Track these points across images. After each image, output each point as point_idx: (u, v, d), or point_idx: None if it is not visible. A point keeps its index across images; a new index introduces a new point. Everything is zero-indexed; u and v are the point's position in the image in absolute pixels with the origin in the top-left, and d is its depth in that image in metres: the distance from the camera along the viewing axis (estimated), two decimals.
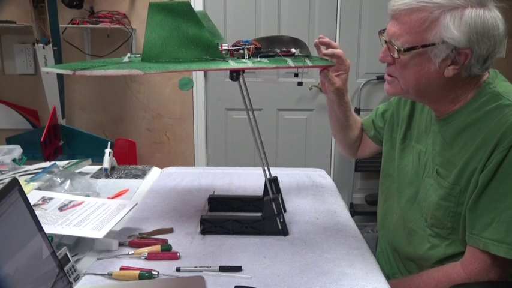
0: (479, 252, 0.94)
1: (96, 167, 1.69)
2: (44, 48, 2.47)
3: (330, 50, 1.18)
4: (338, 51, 1.18)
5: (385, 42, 1.00)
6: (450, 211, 1.00)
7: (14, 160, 1.58)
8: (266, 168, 1.16)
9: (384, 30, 1.02)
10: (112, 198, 1.36)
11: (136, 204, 1.18)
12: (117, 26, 2.69)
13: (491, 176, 0.92)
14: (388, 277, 1.14)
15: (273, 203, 1.10)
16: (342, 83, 1.20)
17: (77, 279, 0.89)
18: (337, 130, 1.37)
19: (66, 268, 0.85)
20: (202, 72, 2.86)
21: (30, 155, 2.07)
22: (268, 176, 1.17)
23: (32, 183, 1.31)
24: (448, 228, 1.01)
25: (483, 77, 1.00)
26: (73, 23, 2.66)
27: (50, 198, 1.18)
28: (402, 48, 0.95)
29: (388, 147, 1.26)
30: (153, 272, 0.91)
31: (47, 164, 1.54)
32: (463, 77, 0.96)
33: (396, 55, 0.97)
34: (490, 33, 0.91)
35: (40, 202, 1.16)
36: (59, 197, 1.20)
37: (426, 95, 1.02)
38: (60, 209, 1.12)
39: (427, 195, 1.06)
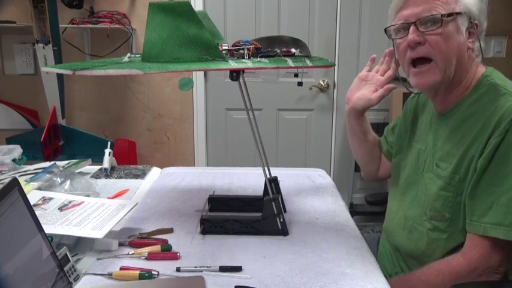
0: (479, 239, 0.95)
1: (96, 167, 1.69)
2: (44, 48, 2.47)
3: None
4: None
5: (408, 26, 1.00)
6: (449, 201, 1.01)
7: (14, 160, 1.58)
8: (266, 168, 1.16)
9: (390, 26, 1.05)
10: (112, 198, 1.36)
11: (136, 204, 1.18)
12: (117, 26, 2.69)
13: (488, 161, 0.94)
14: (391, 276, 1.15)
15: (273, 203, 1.10)
16: (376, 101, 1.22)
17: (77, 279, 0.89)
18: (356, 144, 1.35)
19: (66, 268, 0.85)
20: (202, 72, 2.86)
21: (30, 155, 2.07)
22: (268, 176, 1.17)
23: (32, 183, 1.31)
24: (446, 219, 1.02)
25: (481, 69, 1.04)
26: (73, 23, 2.66)
27: (50, 198, 1.18)
28: (445, 13, 0.96)
29: (397, 158, 1.27)
30: (153, 272, 0.91)
31: (47, 164, 1.54)
32: (475, 54, 1.02)
33: (438, 23, 0.97)
34: (483, 8, 1.01)
35: (40, 202, 1.16)
36: (59, 197, 1.20)
37: (453, 78, 1.02)
38: (60, 209, 1.12)
39: (427, 188, 1.07)
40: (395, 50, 1.10)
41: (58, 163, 1.55)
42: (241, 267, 0.95)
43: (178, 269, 0.93)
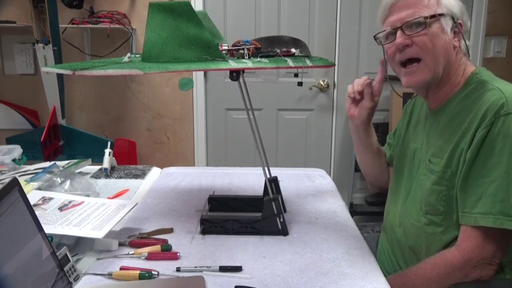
0: (471, 230, 0.97)
1: (96, 167, 1.69)
2: (44, 48, 2.47)
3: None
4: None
5: (395, 31, 1.04)
6: (443, 195, 1.03)
7: (14, 160, 1.58)
8: (266, 168, 1.16)
9: (379, 33, 1.09)
10: (112, 198, 1.36)
11: (136, 204, 1.18)
12: (117, 26, 2.69)
13: (476, 153, 0.96)
14: (390, 274, 1.15)
15: (273, 203, 1.10)
16: (378, 101, 1.22)
17: (77, 279, 0.89)
18: (367, 158, 1.35)
19: (66, 268, 0.85)
20: (202, 72, 2.86)
21: (30, 155, 2.07)
22: (268, 176, 1.17)
23: (32, 183, 1.31)
24: (440, 213, 1.04)
25: (470, 68, 1.07)
26: (73, 23, 2.66)
27: (50, 198, 1.18)
28: (427, 15, 1.00)
29: (397, 159, 1.29)
30: (153, 272, 0.91)
31: (47, 164, 1.54)
32: (462, 53, 1.06)
33: (422, 25, 1.01)
34: (464, 8, 1.06)
35: (40, 202, 1.16)
36: (59, 197, 1.20)
37: (442, 76, 1.05)
38: (60, 209, 1.12)
39: (421, 184, 1.09)
40: (384, 55, 1.13)
41: (58, 163, 1.55)
42: (241, 267, 0.95)
43: (178, 269, 0.93)
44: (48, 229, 0.96)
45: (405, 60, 1.05)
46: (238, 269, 0.94)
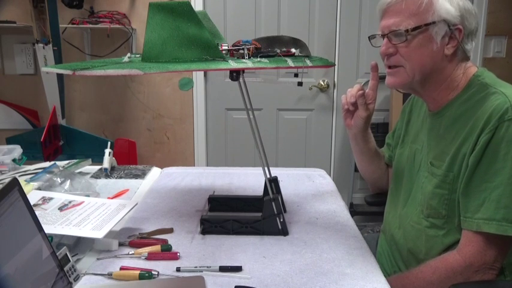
0: (473, 235, 0.96)
1: (96, 167, 1.69)
2: (44, 48, 2.47)
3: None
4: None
5: (383, 37, 1.05)
6: (444, 198, 1.03)
7: (14, 160, 1.58)
8: (266, 168, 1.16)
9: (373, 35, 1.09)
10: (112, 198, 1.36)
11: (136, 204, 1.18)
12: (117, 26, 2.69)
13: (479, 158, 0.95)
14: (390, 276, 1.15)
15: (273, 203, 1.10)
16: (373, 109, 1.21)
17: (77, 279, 0.89)
18: (366, 163, 1.35)
19: (66, 268, 0.85)
20: (202, 72, 2.86)
21: (30, 155, 2.07)
22: (268, 176, 1.17)
23: (32, 183, 1.31)
24: (442, 216, 1.04)
25: (472, 69, 1.06)
26: (73, 23, 2.66)
27: (50, 198, 1.18)
28: (409, 28, 0.99)
29: (396, 160, 1.28)
30: (153, 272, 0.91)
31: (47, 164, 1.54)
32: (458, 58, 1.03)
33: (403, 38, 1.01)
34: (471, 9, 1.02)
35: (40, 202, 1.16)
36: (59, 197, 1.20)
37: (429, 81, 1.05)
38: (60, 209, 1.12)
39: (423, 187, 1.09)
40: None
41: (58, 163, 1.55)
42: (241, 267, 0.95)
43: (178, 269, 0.93)
44: (48, 229, 0.96)
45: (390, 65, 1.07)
46: (238, 269, 0.94)
